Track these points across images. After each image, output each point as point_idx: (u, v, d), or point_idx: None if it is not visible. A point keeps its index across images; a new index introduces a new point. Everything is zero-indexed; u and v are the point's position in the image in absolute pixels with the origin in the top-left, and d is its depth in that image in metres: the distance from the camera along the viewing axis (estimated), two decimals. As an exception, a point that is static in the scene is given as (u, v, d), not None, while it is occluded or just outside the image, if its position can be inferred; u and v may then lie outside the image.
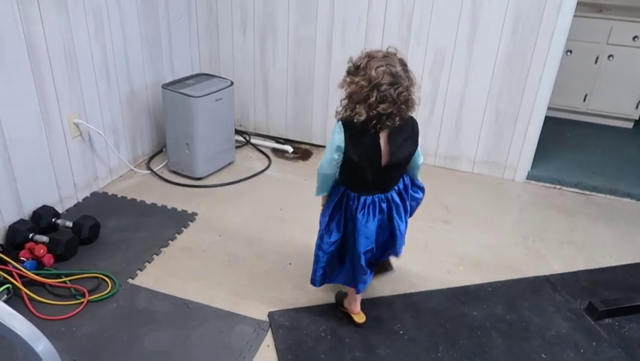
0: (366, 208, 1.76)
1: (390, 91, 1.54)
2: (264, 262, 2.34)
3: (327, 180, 1.79)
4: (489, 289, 2.23)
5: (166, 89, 2.87)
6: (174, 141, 2.97)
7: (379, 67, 1.55)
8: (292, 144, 3.48)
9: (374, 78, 1.54)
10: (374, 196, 1.76)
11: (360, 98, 1.57)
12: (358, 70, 1.59)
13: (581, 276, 2.34)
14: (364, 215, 1.76)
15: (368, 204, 1.76)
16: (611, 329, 2.04)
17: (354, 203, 1.77)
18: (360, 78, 1.56)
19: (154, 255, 2.34)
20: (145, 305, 2.05)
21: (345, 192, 1.79)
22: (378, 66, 1.55)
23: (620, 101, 3.82)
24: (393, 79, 1.55)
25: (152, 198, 2.78)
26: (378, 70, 1.54)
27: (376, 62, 1.56)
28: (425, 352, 1.90)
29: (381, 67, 1.55)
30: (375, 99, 1.54)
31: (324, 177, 1.78)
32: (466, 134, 3.16)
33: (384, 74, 1.54)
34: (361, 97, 1.57)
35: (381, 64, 1.55)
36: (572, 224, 2.75)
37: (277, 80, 3.40)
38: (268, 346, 1.89)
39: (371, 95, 1.54)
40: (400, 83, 1.56)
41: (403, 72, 1.57)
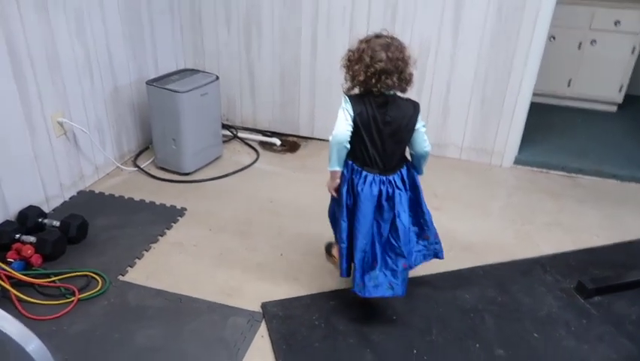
0: (367, 185, 1.82)
1: (382, 53, 1.70)
2: (256, 254, 2.34)
3: (341, 147, 1.82)
4: (480, 272, 2.25)
5: (150, 86, 2.84)
6: (160, 137, 2.95)
7: (374, 39, 1.75)
8: (280, 136, 3.48)
9: (369, 46, 1.72)
10: (376, 175, 1.83)
11: (357, 59, 1.74)
12: (355, 49, 1.78)
13: (569, 256, 2.37)
14: (364, 191, 1.82)
15: (370, 182, 1.83)
16: (600, 307, 2.07)
17: (357, 177, 1.84)
18: (356, 50, 1.76)
19: (144, 251, 2.33)
20: (136, 302, 2.03)
21: (351, 165, 1.86)
22: (374, 39, 1.75)
23: (604, 86, 3.86)
24: (386, 45, 1.72)
25: (140, 195, 2.76)
26: (373, 40, 1.74)
27: (372, 39, 1.76)
28: (419, 336, 1.91)
29: (376, 39, 1.75)
30: (371, 58, 1.70)
31: (338, 144, 1.81)
32: (453, 122, 3.18)
33: (377, 44, 1.73)
34: (357, 58, 1.73)
35: (376, 39, 1.75)
36: (560, 206, 2.78)
37: (263, 72, 3.38)
38: (262, 336, 1.89)
39: (366, 56, 1.71)
40: (393, 49, 1.71)
41: (397, 44, 1.74)
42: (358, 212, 1.84)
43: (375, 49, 1.70)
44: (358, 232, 1.85)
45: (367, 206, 1.83)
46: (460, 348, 1.86)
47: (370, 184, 1.82)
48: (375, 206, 1.84)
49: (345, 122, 1.77)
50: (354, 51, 1.76)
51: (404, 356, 1.82)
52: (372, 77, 1.71)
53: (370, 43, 1.73)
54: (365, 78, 1.72)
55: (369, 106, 1.76)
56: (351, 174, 1.85)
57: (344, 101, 1.78)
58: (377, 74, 1.70)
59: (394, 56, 1.70)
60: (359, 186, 1.83)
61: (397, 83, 1.73)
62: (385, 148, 1.80)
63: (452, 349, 1.86)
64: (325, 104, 3.35)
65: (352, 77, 1.77)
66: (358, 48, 1.75)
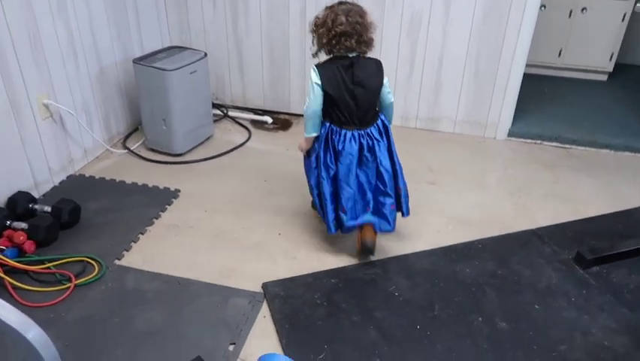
0: (347, 142, 1.99)
1: (342, 17, 1.87)
2: (253, 234, 2.31)
3: (315, 117, 2.00)
4: (479, 246, 2.25)
5: (137, 65, 2.76)
6: (150, 117, 2.88)
7: (337, 5, 1.94)
8: (271, 114, 3.42)
9: (332, 11, 1.91)
10: (354, 131, 2.00)
11: (321, 23, 1.92)
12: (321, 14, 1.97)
13: (567, 227, 2.38)
14: (345, 148, 1.99)
15: (349, 138, 2.00)
16: (599, 277, 2.09)
17: (337, 137, 2.00)
18: (322, 16, 1.94)
19: (139, 234, 2.29)
20: (134, 285, 2.01)
21: (329, 127, 2.02)
22: (337, 5, 1.94)
23: (594, 54, 3.85)
24: (346, 10, 1.90)
25: (131, 178, 2.70)
26: (336, 6, 1.93)
27: (335, 5, 1.94)
28: (421, 311, 1.91)
29: (339, 6, 1.93)
30: (333, 22, 1.88)
31: (312, 114, 1.99)
32: (447, 95, 3.15)
33: (340, 9, 1.91)
34: (321, 23, 1.92)
35: (339, 6, 1.93)
36: (555, 177, 2.79)
37: (251, 49, 3.30)
38: (264, 317, 1.88)
39: (329, 20, 1.89)
40: (353, 14, 1.89)
41: (357, 9, 1.92)
42: (342, 167, 2.01)
43: (337, 13, 1.88)
44: (344, 183, 2.03)
45: (351, 160, 2.00)
46: (462, 323, 1.86)
47: (350, 140, 1.99)
48: (357, 158, 2.02)
49: (315, 95, 1.94)
50: (319, 17, 1.95)
51: (408, 332, 1.82)
52: (333, 39, 1.89)
53: (333, 9, 1.91)
54: (327, 40, 1.90)
55: (337, 71, 1.93)
56: (331, 134, 2.01)
57: (313, 73, 1.94)
58: (337, 37, 1.88)
59: (354, 20, 1.87)
60: (339, 144, 2.00)
61: (356, 45, 1.90)
62: (359, 106, 1.97)
63: (455, 324, 1.86)
64: (316, 80, 3.28)
65: (318, 41, 1.95)
66: (323, 14, 1.93)
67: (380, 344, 1.77)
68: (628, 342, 1.79)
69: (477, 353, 1.74)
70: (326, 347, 1.75)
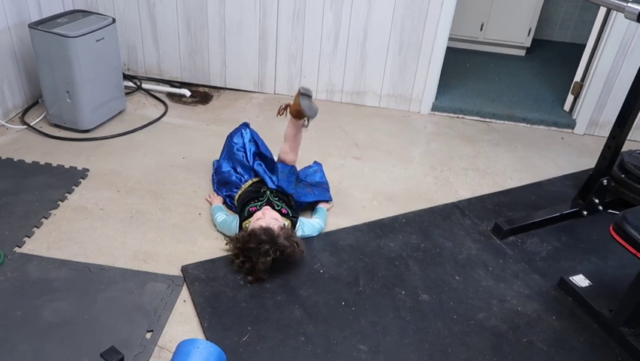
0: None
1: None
2: (171, 214, 2.19)
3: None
4: (403, 220, 2.27)
5: (35, 30, 2.49)
6: (52, 89, 2.62)
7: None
8: (189, 87, 3.24)
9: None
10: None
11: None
12: None
13: (486, 199, 2.45)
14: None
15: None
16: (514, 246, 2.17)
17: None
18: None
19: (42, 219, 2.10)
20: (38, 274, 1.85)
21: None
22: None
23: (514, 30, 3.98)
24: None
25: (32, 157, 2.47)
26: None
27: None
28: (346, 287, 1.90)
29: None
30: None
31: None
32: (372, 69, 3.12)
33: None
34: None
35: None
36: (476, 151, 2.86)
37: (166, 15, 3.09)
38: (184, 301, 1.80)
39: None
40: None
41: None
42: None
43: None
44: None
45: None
46: (387, 296, 1.88)
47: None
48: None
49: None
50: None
51: (333, 308, 1.81)
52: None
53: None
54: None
55: None
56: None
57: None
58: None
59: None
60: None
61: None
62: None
63: (379, 298, 1.87)
64: (237, 52, 3.14)
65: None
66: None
67: (305, 322, 1.75)
68: (539, 307, 1.88)
69: (400, 326, 1.76)
70: (250, 329, 1.71)
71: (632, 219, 1.63)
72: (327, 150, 2.75)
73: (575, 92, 3.14)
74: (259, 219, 1.95)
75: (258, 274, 1.85)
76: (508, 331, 1.78)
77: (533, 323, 1.81)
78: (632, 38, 2.79)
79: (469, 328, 1.78)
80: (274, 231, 1.87)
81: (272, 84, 3.25)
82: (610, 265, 2.10)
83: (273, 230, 1.87)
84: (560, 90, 3.41)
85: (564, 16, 4.35)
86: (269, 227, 1.88)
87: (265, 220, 1.93)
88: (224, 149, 2.38)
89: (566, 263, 2.09)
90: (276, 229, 1.89)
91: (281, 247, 1.84)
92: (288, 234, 1.90)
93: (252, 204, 2.06)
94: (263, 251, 1.82)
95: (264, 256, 1.82)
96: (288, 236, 1.89)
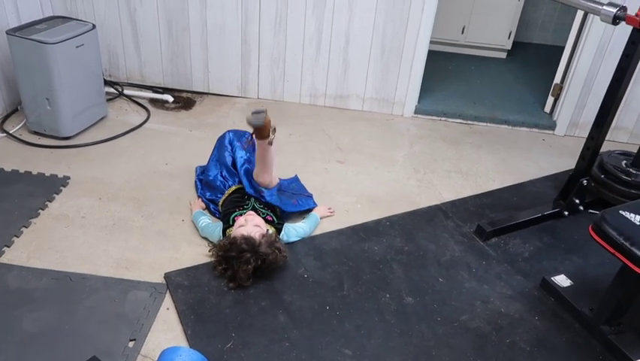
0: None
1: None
2: (154, 221, 2.17)
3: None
4: (387, 223, 2.28)
5: (12, 36, 2.46)
6: (31, 96, 2.59)
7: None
8: (172, 92, 3.22)
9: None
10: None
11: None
12: None
13: (469, 201, 2.47)
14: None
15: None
16: (497, 247, 2.19)
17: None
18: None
19: (22, 228, 2.07)
20: (18, 284, 1.82)
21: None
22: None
23: (494, 33, 4.01)
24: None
25: (11, 165, 2.43)
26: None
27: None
28: (331, 292, 1.90)
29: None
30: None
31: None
32: (354, 72, 3.13)
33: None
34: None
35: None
36: (458, 153, 2.88)
37: (147, 20, 3.07)
38: (168, 308, 1.79)
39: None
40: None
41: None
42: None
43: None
44: None
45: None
46: (371, 300, 1.88)
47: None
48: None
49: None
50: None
51: (317, 313, 1.81)
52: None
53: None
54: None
55: None
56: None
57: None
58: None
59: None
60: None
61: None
62: None
63: (364, 302, 1.87)
64: (219, 56, 3.13)
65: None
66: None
67: (289, 327, 1.74)
68: (522, 307, 1.90)
69: (385, 329, 1.77)
70: (234, 335, 1.70)
71: (611, 219, 1.65)
72: (311, 154, 2.75)
73: (555, 93, 3.18)
74: (241, 226, 1.94)
75: (240, 281, 1.85)
76: (492, 332, 1.79)
77: (516, 324, 1.83)
78: (609, 40, 2.84)
79: (453, 330, 1.79)
80: (255, 240, 1.86)
81: (255, 89, 3.24)
82: (591, 264, 2.12)
83: (254, 239, 1.87)
84: (540, 92, 3.45)
85: (544, 18, 4.41)
86: (250, 236, 1.87)
87: (247, 228, 1.92)
88: (214, 150, 2.37)
89: (548, 263, 2.11)
90: (258, 237, 1.88)
91: (262, 256, 1.84)
92: (269, 241, 1.89)
93: (236, 212, 2.05)
94: (244, 260, 1.82)
95: (245, 264, 1.82)
96: (270, 243, 1.88)
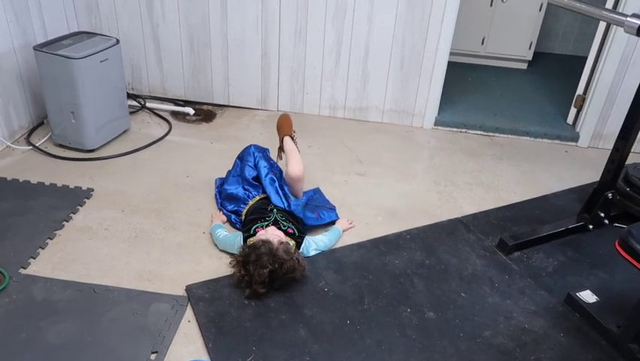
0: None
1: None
2: (175, 234, 2.19)
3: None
4: (407, 236, 2.26)
5: (39, 52, 2.52)
6: (57, 110, 2.64)
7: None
8: (193, 105, 3.26)
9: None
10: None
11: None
12: None
13: (490, 214, 2.44)
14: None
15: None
16: (520, 261, 2.16)
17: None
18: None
19: (47, 239, 2.10)
20: (43, 296, 1.85)
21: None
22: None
23: (515, 43, 3.99)
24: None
25: (37, 177, 2.48)
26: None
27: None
28: (351, 306, 1.89)
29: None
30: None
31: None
32: (374, 84, 3.13)
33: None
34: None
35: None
36: (479, 166, 2.86)
37: (169, 35, 3.12)
38: (189, 321, 1.79)
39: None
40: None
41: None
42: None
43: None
44: None
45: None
46: (392, 315, 1.86)
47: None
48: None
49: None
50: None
51: (338, 327, 1.80)
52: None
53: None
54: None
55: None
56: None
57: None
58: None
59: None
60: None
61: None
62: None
63: (384, 316, 1.85)
64: (240, 69, 3.16)
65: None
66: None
67: (309, 341, 1.73)
68: (546, 323, 1.86)
69: (406, 344, 1.75)
70: (254, 349, 1.70)
71: (638, 233, 1.61)
72: (331, 166, 2.75)
73: (577, 105, 3.14)
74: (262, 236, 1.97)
75: (254, 285, 1.85)
76: (515, 348, 1.76)
77: (540, 340, 1.79)
78: (633, 50, 2.80)
79: (476, 346, 1.76)
80: (273, 244, 1.89)
81: (275, 101, 3.26)
82: (617, 279, 2.08)
83: (272, 243, 1.90)
84: (562, 103, 3.41)
85: (565, 29, 4.37)
86: (268, 240, 1.90)
87: (267, 235, 1.95)
88: (235, 165, 2.40)
89: (573, 278, 2.07)
90: (276, 242, 1.91)
91: (279, 259, 1.85)
92: (287, 249, 1.91)
93: (258, 224, 2.06)
94: (260, 263, 1.83)
95: (261, 268, 1.83)
96: (288, 251, 1.89)
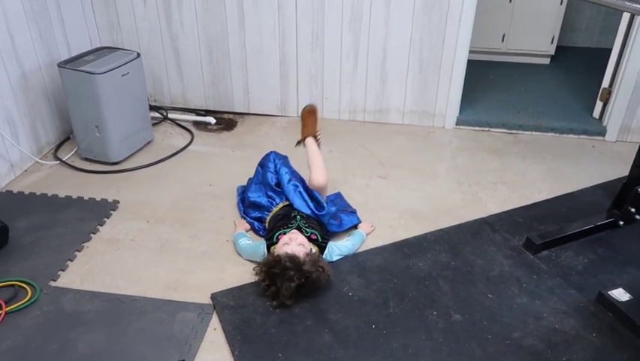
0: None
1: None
2: (200, 242, 2.21)
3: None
4: (431, 238, 2.23)
5: (63, 68, 2.58)
6: (82, 125, 2.70)
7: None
8: (214, 114, 3.29)
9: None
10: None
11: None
12: None
13: (516, 213, 2.39)
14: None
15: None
16: (548, 261, 2.11)
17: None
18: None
19: (76, 252, 2.15)
20: (73, 307, 1.88)
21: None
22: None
23: (536, 38, 3.92)
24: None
25: (65, 191, 2.54)
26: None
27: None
28: (376, 310, 1.87)
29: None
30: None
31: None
32: (393, 86, 3.12)
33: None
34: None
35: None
36: (503, 164, 2.81)
37: (188, 47, 3.16)
38: (215, 329, 1.80)
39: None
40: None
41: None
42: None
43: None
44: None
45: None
46: (418, 318, 1.84)
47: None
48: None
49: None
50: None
51: (364, 332, 1.78)
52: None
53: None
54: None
55: None
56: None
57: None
58: None
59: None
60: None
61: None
62: None
63: (410, 320, 1.83)
64: (259, 77, 3.19)
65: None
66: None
67: (335, 347, 1.72)
68: (577, 323, 1.81)
69: (433, 348, 1.72)
70: (280, 356, 1.70)
71: (671, 229, 1.56)
72: (352, 170, 2.74)
73: (603, 98, 3.06)
74: (285, 245, 1.95)
75: (282, 299, 1.85)
76: (546, 350, 1.72)
77: (572, 341, 1.75)
78: (660, 40, 2.72)
79: (505, 348, 1.72)
80: (299, 258, 1.87)
81: (294, 107, 3.27)
82: (651, 276, 2.01)
83: (299, 257, 1.87)
84: (587, 97, 3.33)
85: (589, 21, 4.27)
86: (294, 254, 1.88)
87: (291, 247, 1.93)
88: (257, 173, 2.41)
89: (604, 277, 2.01)
90: (302, 256, 1.89)
91: (306, 274, 1.84)
92: (313, 260, 1.89)
93: (281, 231, 2.06)
94: (287, 278, 1.83)
95: (288, 282, 1.82)
96: (314, 262, 1.88)
